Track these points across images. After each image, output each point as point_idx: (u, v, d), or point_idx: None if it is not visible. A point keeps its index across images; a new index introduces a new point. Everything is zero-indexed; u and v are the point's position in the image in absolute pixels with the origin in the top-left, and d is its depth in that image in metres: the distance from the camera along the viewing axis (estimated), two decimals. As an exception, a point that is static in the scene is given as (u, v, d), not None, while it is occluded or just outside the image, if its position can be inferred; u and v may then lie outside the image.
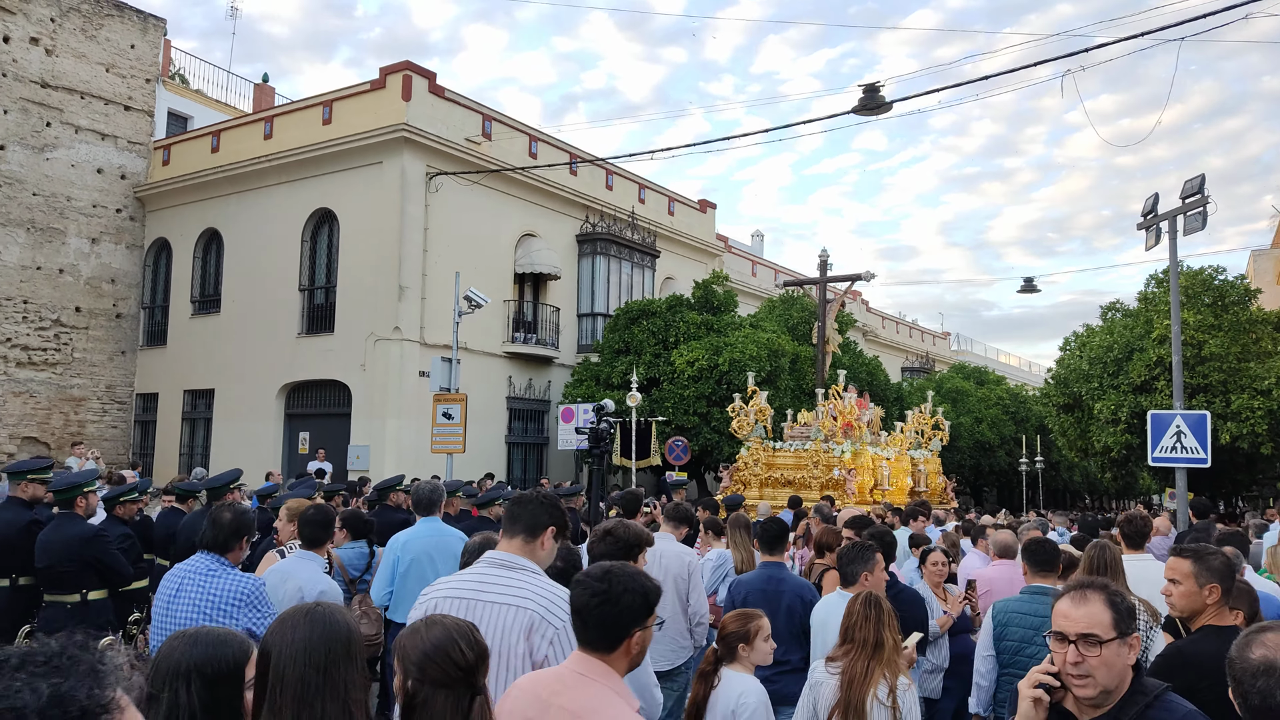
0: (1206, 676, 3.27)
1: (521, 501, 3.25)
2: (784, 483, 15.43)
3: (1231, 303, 18.41)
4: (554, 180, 23.46)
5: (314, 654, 1.97)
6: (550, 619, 2.90)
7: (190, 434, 23.48)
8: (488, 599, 2.97)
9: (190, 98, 27.82)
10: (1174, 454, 11.44)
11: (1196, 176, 11.59)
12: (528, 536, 3.16)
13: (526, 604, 2.93)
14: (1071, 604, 2.54)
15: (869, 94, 15.10)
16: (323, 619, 2.03)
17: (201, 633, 2.22)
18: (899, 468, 15.99)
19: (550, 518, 3.20)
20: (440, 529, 6.25)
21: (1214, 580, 3.54)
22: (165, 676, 2.07)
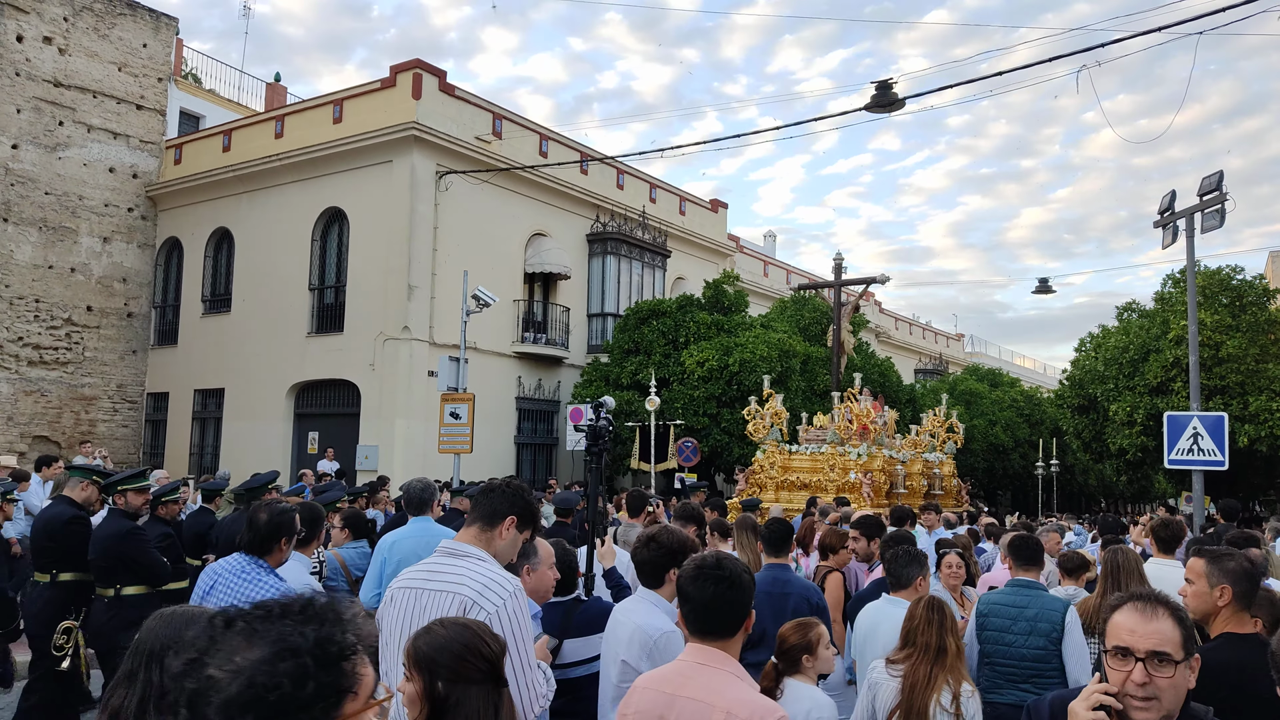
0: (1225, 685, 3.21)
1: (486, 490, 3.20)
2: (800, 486, 15.38)
3: (1250, 303, 18.13)
4: (564, 179, 23.38)
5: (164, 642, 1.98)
6: (482, 603, 2.83)
7: (200, 433, 23.50)
8: (432, 587, 2.96)
9: (203, 97, 27.90)
10: (1191, 456, 11.24)
11: (1215, 173, 11.39)
12: (485, 525, 3.13)
13: (461, 589, 2.89)
14: (1139, 618, 2.31)
15: (881, 91, 14.95)
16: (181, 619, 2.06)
17: (174, 614, 2.20)
18: (914, 471, 15.93)
19: (511, 507, 3.14)
20: (430, 529, 6.07)
21: (1225, 581, 3.44)
22: (141, 658, 2.07)
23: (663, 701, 2.58)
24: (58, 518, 6.46)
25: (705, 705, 2.54)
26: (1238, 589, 3.44)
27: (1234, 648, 3.35)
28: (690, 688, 2.57)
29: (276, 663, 1.29)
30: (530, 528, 3.22)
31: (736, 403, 20.70)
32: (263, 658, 1.29)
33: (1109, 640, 2.33)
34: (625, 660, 3.55)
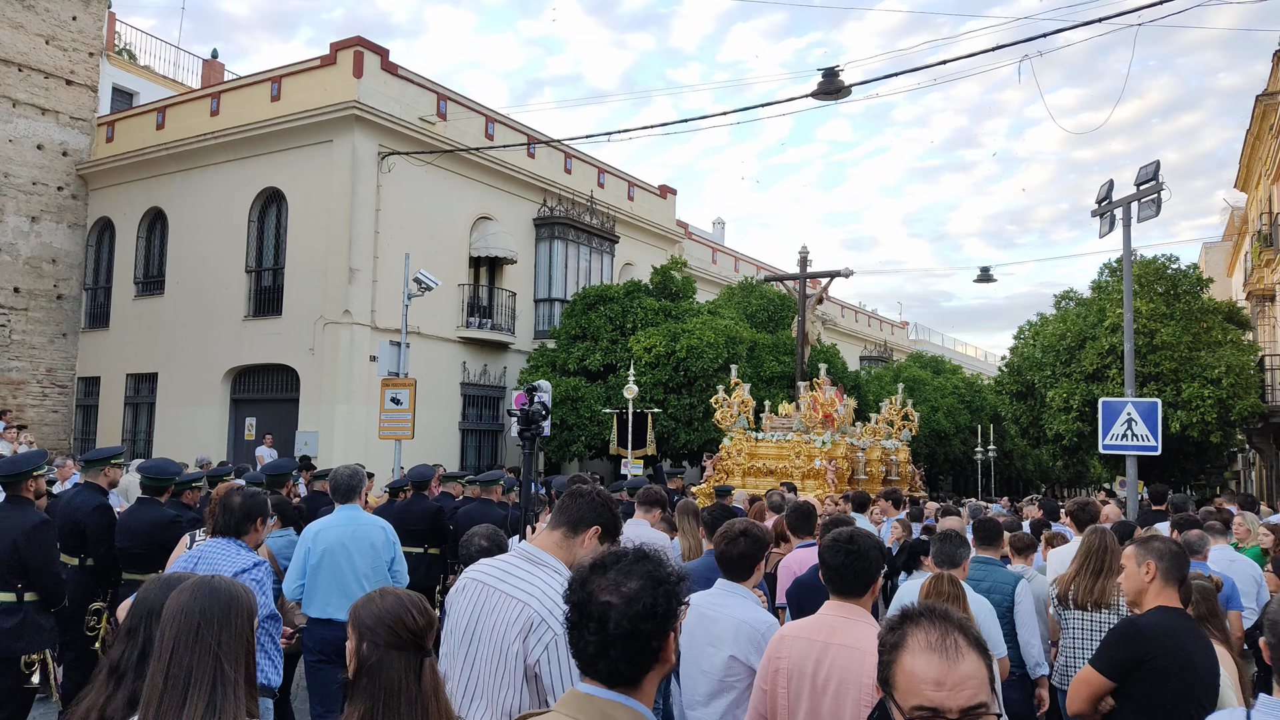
0: (1156, 649, 3.52)
1: (574, 495, 3.14)
2: (766, 472, 15.75)
3: (1184, 292, 18.56)
4: (511, 162, 23.08)
5: (189, 615, 2.18)
6: (550, 621, 2.72)
7: (133, 419, 22.84)
8: (503, 588, 2.89)
9: (137, 73, 27.01)
10: (1125, 441, 11.45)
11: (1151, 163, 11.57)
12: (569, 531, 3.05)
13: (531, 601, 2.79)
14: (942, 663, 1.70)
15: (828, 79, 14.94)
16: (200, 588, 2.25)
17: (170, 579, 2.51)
18: (873, 458, 16.50)
19: (598, 517, 3.07)
20: (358, 518, 5.86)
21: (1150, 558, 3.68)
22: (141, 615, 2.41)
23: (815, 649, 3.10)
24: (85, 505, 6.62)
25: (856, 650, 3.02)
26: (1161, 565, 3.66)
27: (1164, 616, 3.60)
28: (839, 636, 3.09)
29: (654, 590, 1.88)
30: (611, 539, 3.11)
31: (683, 389, 20.68)
32: (642, 586, 1.88)
33: (904, 699, 1.72)
34: (734, 655, 3.64)
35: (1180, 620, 3.60)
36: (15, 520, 5.39)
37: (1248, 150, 27.27)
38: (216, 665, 2.14)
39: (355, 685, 2.33)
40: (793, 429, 16.09)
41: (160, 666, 2.13)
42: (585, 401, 20.54)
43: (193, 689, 2.10)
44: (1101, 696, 3.68)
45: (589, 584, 1.92)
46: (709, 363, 20.42)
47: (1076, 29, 12.00)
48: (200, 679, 2.12)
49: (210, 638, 2.16)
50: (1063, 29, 12.28)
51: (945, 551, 4.97)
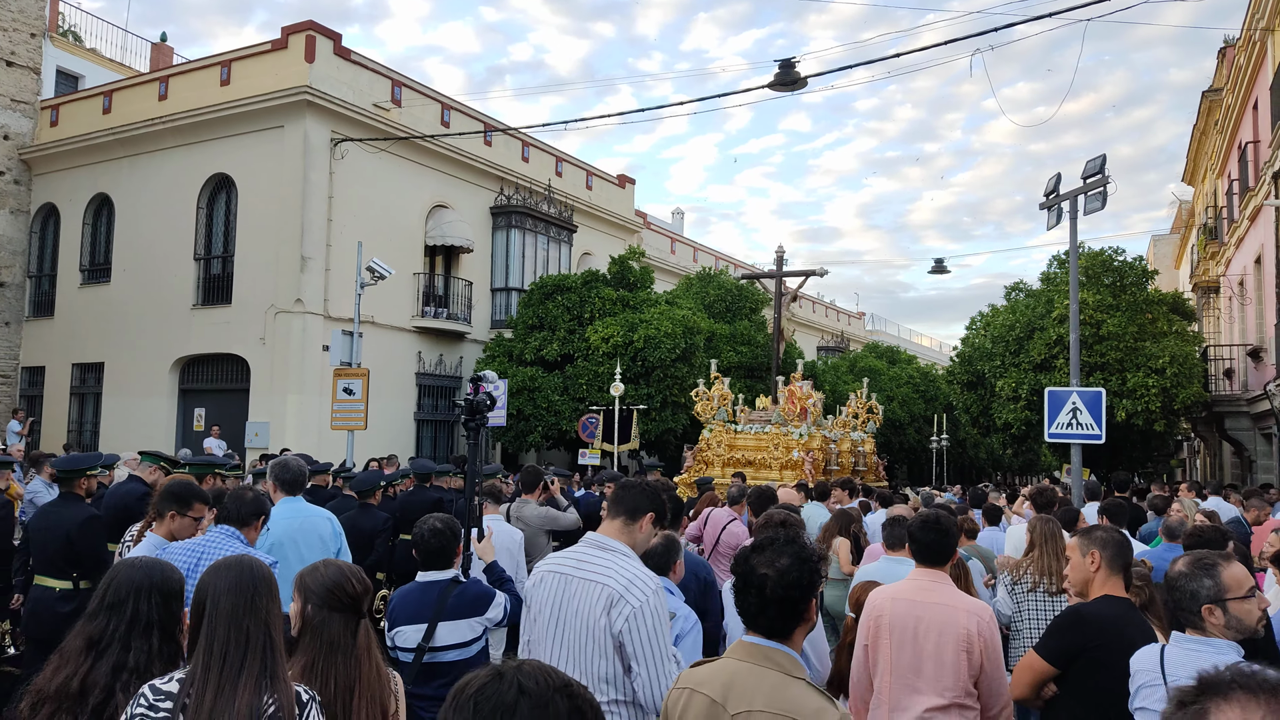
0: (1099, 637, 3.59)
1: (627, 486, 3.52)
2: (745, 463, 16.14)
3: (1130, 283, 18.93)
4: (468, 150, 22.86)
5: (245, 588, 2.46)
6: (628, 597, 3.13)
7: (79, 409, 22.35)
8: (580, 575, 3.26)
9: (83, 56, 26.35)
10: (1070, 430, 11.65)
11: (1098, 157, 11.75)
12: (628, 519, 3.42)
13: (608, 581, 3.18)
14: None
15: (784, 70, 14.97)
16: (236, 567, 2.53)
17: (149, 561, 2.78)
18: (844, 449, 17.19)
19: (651, 504, 3.45)
20: (303, 510, 5.86)
21: (1094, 548, 3.75)
22: (129, 591, 2.64)
23: (915, 608, 3.77)
24: (132, 493, 6.83)
25: (949, 607, 3.74)
26: (1105, 554, 3.73)
27: (1110, 605, 3.67)
28: (934, 595, 3.80)
29: (802, 565, 2.42)
30: (664, 523, 3.55)
31: (641, 379, 20.69)
32: (791, 564, 2.42)
33: None
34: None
35: (1124, 609, 3.66)
36: (68, 515, 5.89)
37: (1195, 145, 27.87)
38: (267, 633, 2.44)
39: (300, 641, 2.76)
40: (771, 422, 16.65)
41: (220, 634, 2.40)
42: (542, 392, 20.46)
43: (250, 654, 2.39)
44: (1044, 683, 3.74)
45: (750, 560, 2.49)
46: (666, 353, 20.44)
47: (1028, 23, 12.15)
48: (255, 644, 2.41)
49: (262, 608, 2.46)
50: (1014, 23, 12.43)
51: (895, 534, 5.32)
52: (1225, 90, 22.27)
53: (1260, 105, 18.39)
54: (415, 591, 4.24)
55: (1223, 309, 24.40)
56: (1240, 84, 19.93)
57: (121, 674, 2.53)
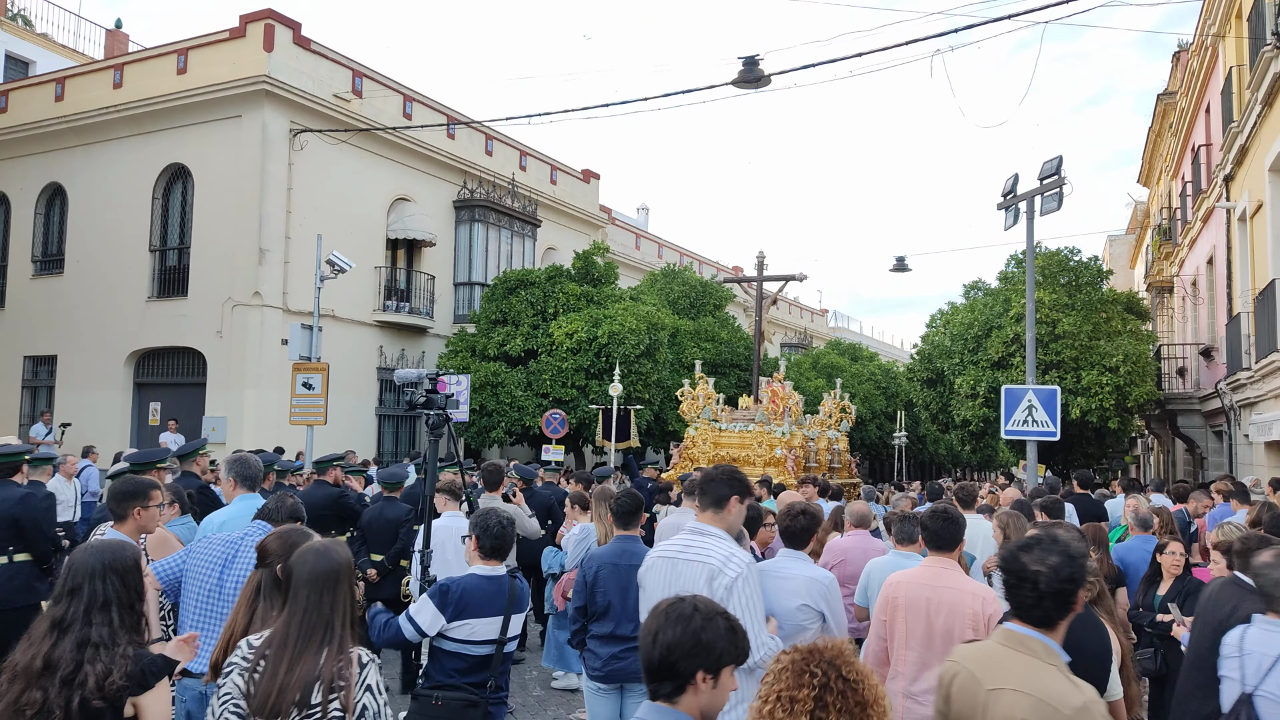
0: None
1: (709, 479, 4.06)
2: (729, 460, 16.52)
3: (1085, 283, 19.24)
4: (430, 143, 22.67)
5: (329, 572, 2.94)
6: (726, 570, 3.77)
7: (31, 402, 21.86)
8: (686, 558, 3.90)
9: (34, 41, 25.77)
10: (1026, 427, 11.86)
11: (1054, 158, 11.93)
12: (716, 508, 4.02)
13: (709, 560, 3.83)
14: None
15: (748, 67, 15.01)
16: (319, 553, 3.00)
17: (102, 544, 3.07)
18: (821, 447, 17.76)
19: (731, 489, 4.04)
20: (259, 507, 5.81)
21: None
22: (85, 575, 2.92)
23: (926, 590, 4.31)
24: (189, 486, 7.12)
25: (959, 590, 4.26)
26: None
27: None
28: (944, 579, 4.32)
29: (1071, 563, 2.74)
30: (749, 496, 4.15)
31: (605, 374, 20.66)
32: (1061, 561, 2.73)
33: None
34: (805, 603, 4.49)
35: None
36: None
37: (1150, 147, 28.37)
38: (340, 609, 2.91)
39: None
40: (754, 420, 17.22)
41: (300, 607, 2.87)
42: (505, 387, 20.36)
43: (324, 626, 2.86)
44: None
45: (1020, 558, 2.80)
46: (631, 348, 20.43)
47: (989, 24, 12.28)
48: (330, 618, 2.88)
49: (341, 589, 2.93)
50: (973, 24, 12.56)
51: (905, 530, 5.62)
52: (1179, 94, 22.69)
53: (1212, 109, 18.77)
54: (482, 584, 4.28)
55: (1176, 309, 24.88)
56: (1193, 88, 20.32)
57: (86, 648, 2.83)
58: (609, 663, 5.31)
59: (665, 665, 2.36)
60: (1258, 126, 14.14)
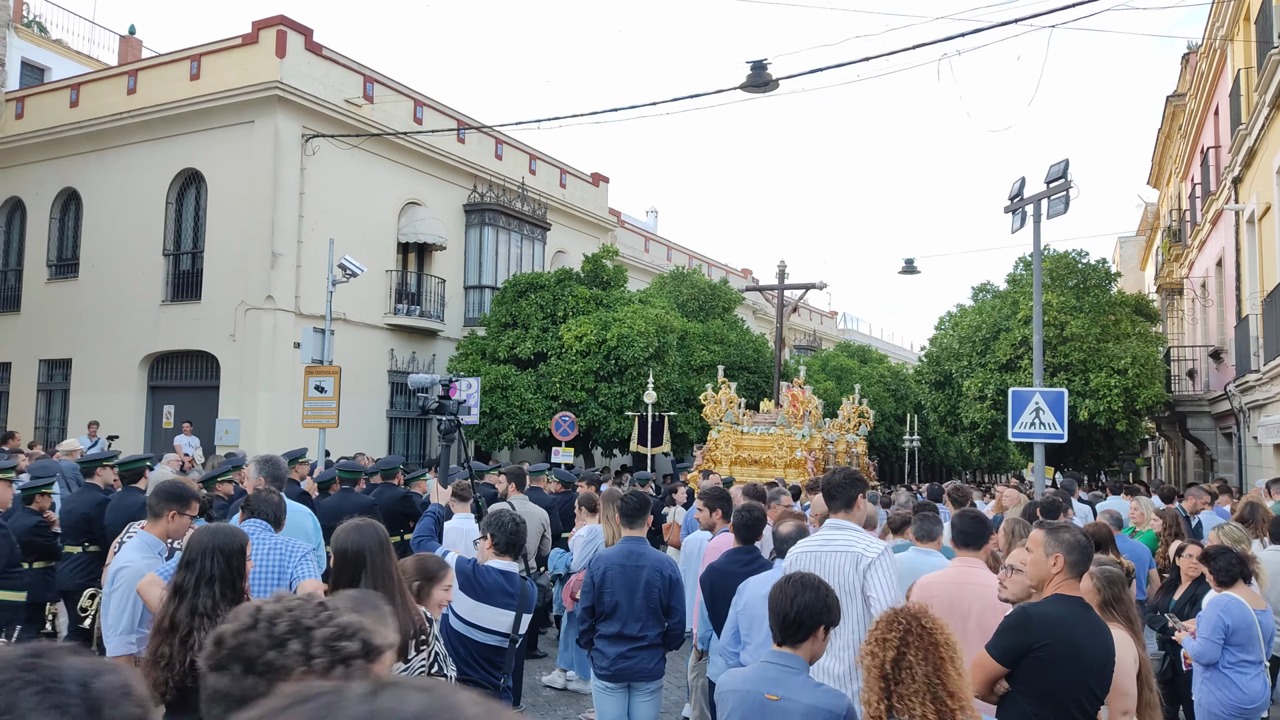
0: (1047, 636, 3.63)
1: (838, 486, 4.65)
2: (751, 462, 17.36)
3: (1093, 285, 19.27)
4: (440, 147, 22.82)
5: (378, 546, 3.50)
6: (866, 554, 4.38)
7: (46, 406, 22.09)
8: (829, 549, 4.51)
9: (48, 48, 25.99)
10: (1033, 429, 11.88)
11: (1060, 162, 11.97)
12: (846, 509, 4.62)
13: (853, 548, 4.45)
14: None
15: (756, 71, 15.08)
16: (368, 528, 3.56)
17: (215, 527, 3.65)
18: (840, 450, 18.33)
19: (856, 488, 4.65)
20: (288, 505, 6.05)
21: (1059, 551, 3.79)
22: (198, 552, 3.44)
23: (957, 589, 4.58)
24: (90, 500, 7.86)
25: (985, 586, 4.50)
26: (1069, 558, 3.78)
27: (1060, 603, 3.72)
28: (969, 576, 4.62)
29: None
30: (868, 489, 4.88)
31: (614, 377, 20.76)
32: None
33: None
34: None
35: (1074, 609, 3.72)
36: None
37: (1160, 148, 28.33)
38: (397, 574, 3.51)
39: None
40: (775, 424, 17.73)
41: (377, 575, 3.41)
42: (515, 390, 20.47)
43: (396, 587, 3.41)
44: (995, 680, 3.82)
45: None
46: (639, 351, 20.52)
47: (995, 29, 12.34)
48: (397, 580, 3.48)
49: (393, 557, 3.52)
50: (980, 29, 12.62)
51: (924, 529, 5.79)
52: (1188, 95, 22.67)
53: (1221, 111, 18.76)
54: (497, 576, 4.44)
55: (1186, 311, 24.85)
56: (1202, 90, 20.31)
57: (195, 616, 3.31)
58: (616, 661, 5.39)
59: (799, 621, 3.30)
60: (1265, 129, 14.16)
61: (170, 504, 4.75)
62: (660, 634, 5.52)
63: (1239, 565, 5.30)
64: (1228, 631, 5.12)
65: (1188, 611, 5.66)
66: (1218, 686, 5.19)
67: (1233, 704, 5.11)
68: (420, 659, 3.45)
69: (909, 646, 2.98)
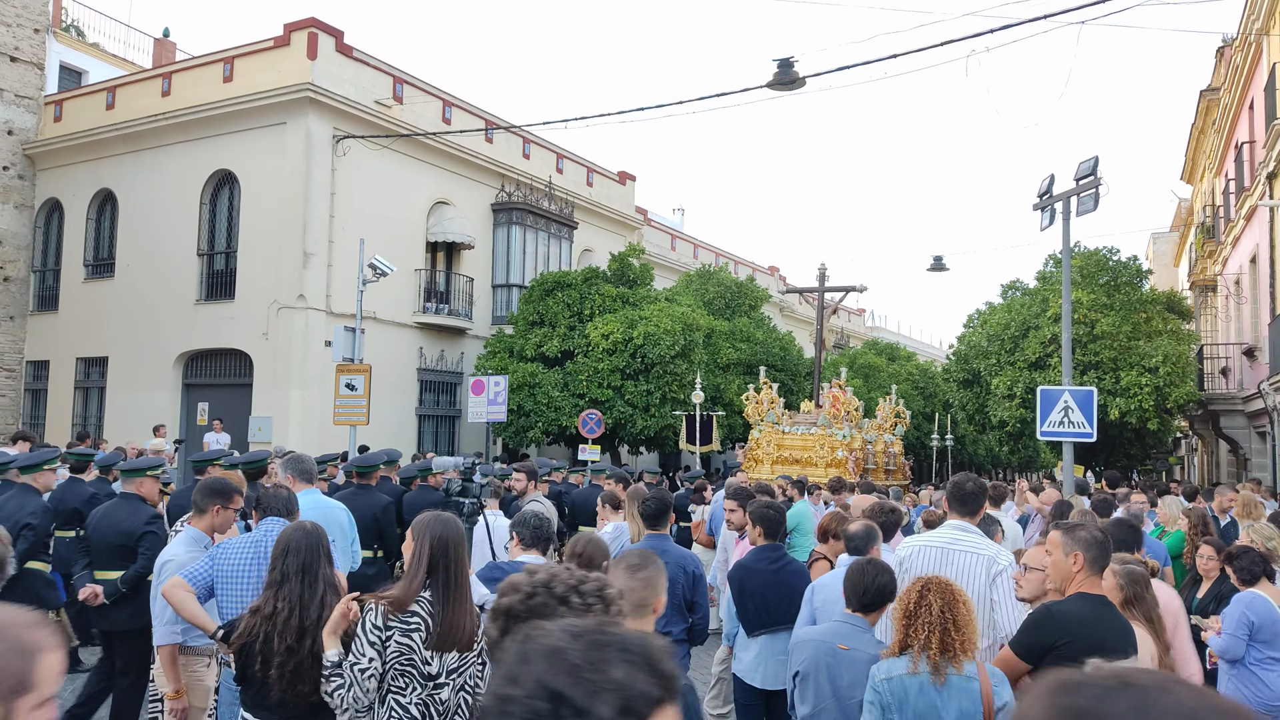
0: (1068, 634, 3.63)
1: (970, 494, 4.88)
2: (793, 461, 17.76)
3: (1124, 282, 19.05)
4: (469, 147, 23.00)
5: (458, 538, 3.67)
6: (1000, 561, 4.57)
7: (83, 403, 22.53)
8: (957, 548, 4.65)
9: (86, 51, 26.49)
10: (1061, 428, 11.81)
11: (1090, 158, 11.88)
12: (969, 513, 4.85)
13: (982, 551, 4.62)
14: None
15: (783, 69, 15.07)
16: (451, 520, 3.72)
17: (300, 524, 3.91)
18: (878, 450, 18.65)
19: (984, 498, 4.95)
20: (321, 501, 6.26)
21: (1078, 549, 3.80)
22: (280, 553, 3.77)
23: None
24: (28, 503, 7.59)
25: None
26: (1088, 555, 3.79)
27: (1080, 604, 3.73)
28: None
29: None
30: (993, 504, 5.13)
31: (640, 375, 20.83)
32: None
33: None
34: None
35: (1096, 607, 3.74)
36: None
37: (1193, 143, 27.95)
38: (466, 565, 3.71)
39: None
40: (816, 424, 18.11)
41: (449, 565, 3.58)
42: (543, 388, 20.61)
43: (464, 576, 3.62)
44: (1019, 677, 3.85)
45: None
46: (666, 349, 20.57)
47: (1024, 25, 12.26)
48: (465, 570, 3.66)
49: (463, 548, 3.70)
50: (1008, 25, 12.54)
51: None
52: (1222, 90, 22.36)
53: (1256, 105, 18.50)
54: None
55: (1219, 308, 24.51)
56: (1236, 84, 20.02)
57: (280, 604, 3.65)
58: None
59: (876, 596, 3.96)
60: (1300, 124, 13.95)
61: (214, 499, 4.90)
62: (685, 630, 5.58)
63: (1261, 564, 5.30)
64: (1252, 628, 5.12)
65: (1212, 609, 5.65)
66: (1244, 683, 5.19)
67: (1259, 701, 5.11)
68: (473, 656, 3.60)
69: (929, 590, 3.54)
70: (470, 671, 3.64)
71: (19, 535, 6.33)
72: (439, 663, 3.52)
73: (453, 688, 3.56)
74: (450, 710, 3.56)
